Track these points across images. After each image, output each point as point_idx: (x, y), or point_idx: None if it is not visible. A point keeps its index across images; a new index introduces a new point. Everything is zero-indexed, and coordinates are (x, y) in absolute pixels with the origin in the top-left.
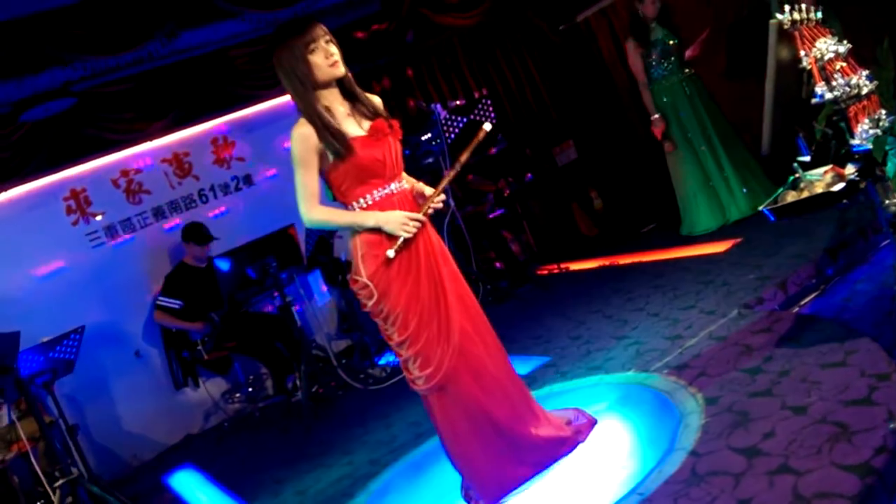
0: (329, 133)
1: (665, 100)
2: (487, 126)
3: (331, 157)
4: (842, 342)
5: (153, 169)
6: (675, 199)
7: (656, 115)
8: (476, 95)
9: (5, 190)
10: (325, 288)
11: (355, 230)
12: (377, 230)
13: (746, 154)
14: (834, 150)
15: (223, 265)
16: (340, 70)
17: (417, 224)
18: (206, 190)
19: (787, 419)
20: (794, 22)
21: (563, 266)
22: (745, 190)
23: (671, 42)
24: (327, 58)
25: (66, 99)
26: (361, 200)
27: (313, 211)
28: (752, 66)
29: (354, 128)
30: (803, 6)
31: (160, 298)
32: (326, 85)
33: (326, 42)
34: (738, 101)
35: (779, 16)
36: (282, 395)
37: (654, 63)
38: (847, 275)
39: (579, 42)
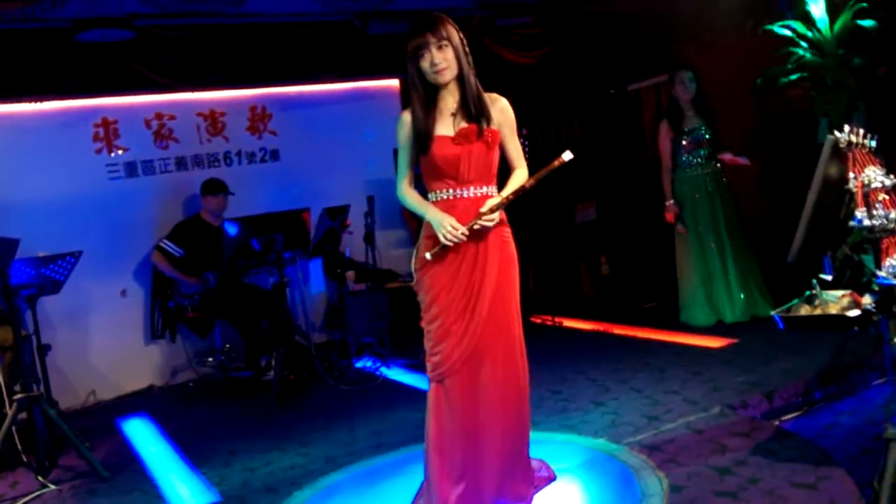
0: (416, 128)
1: (685, 189)
2: (567, 155)
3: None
4: (816, 466)
5: (188, 120)
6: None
7: (670, 202)
8: None
9: (42, 101)
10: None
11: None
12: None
13: (753, 260)
14: (857, 276)
15: (231, 229)
16: (444, 78)
17: (458, 235)
18: (233, 153)
19: None
20: (849, 143)
21: (557, 320)
22: (742, 296)
23: (705, 133)
24: (432, 66)
25: (125, 30)
26: (432, 195)
27: (402, 189)
28: (787, 178)
29: (447, 127)
30: (861, 131)
31: (164, 241)
32: (444, 83)
33: (439, 48)
34: (765, 208)
35: (837, 133)
36: (252, 371)
37: (683, 150)
38: (833, 403)
39: (624, 109)
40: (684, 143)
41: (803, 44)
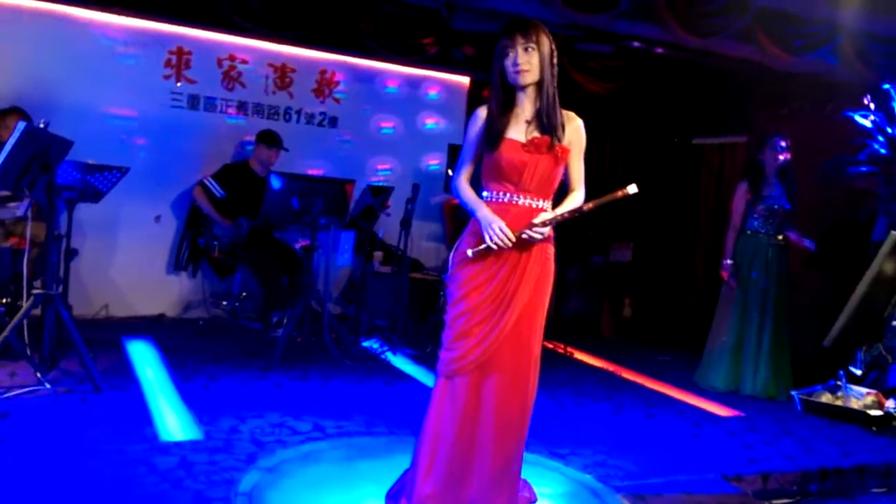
0: (489, 125)
1: (746, 253)
2: (632, 188)
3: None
4: None
5: (258, 67)
6: (701, 345)
7: (730, 261)
8: None
9: (126, 15)
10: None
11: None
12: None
13: (787, 343)
14: (881, 377)
15: (276, 182)
16: (524, 80)
17: (505, 240)
18: (293, 111)
19: None
20: None
21: (569, 350)
22: (769, 373)
23: (782, 205)
24: (514, 66)
25: None
26: (486, 194)
27: (459, 182)
28: (833, 264)
29: (519, 132)
30: None
31: (208, 179)
32: (522, 86)
33: (525, 49)
34: (803, 288)
35: None
36: (262, 324)
37: (755, 215)
38: (827, 500)
39: (685, 161)
40: (760, 207)
41: (880, 138)
